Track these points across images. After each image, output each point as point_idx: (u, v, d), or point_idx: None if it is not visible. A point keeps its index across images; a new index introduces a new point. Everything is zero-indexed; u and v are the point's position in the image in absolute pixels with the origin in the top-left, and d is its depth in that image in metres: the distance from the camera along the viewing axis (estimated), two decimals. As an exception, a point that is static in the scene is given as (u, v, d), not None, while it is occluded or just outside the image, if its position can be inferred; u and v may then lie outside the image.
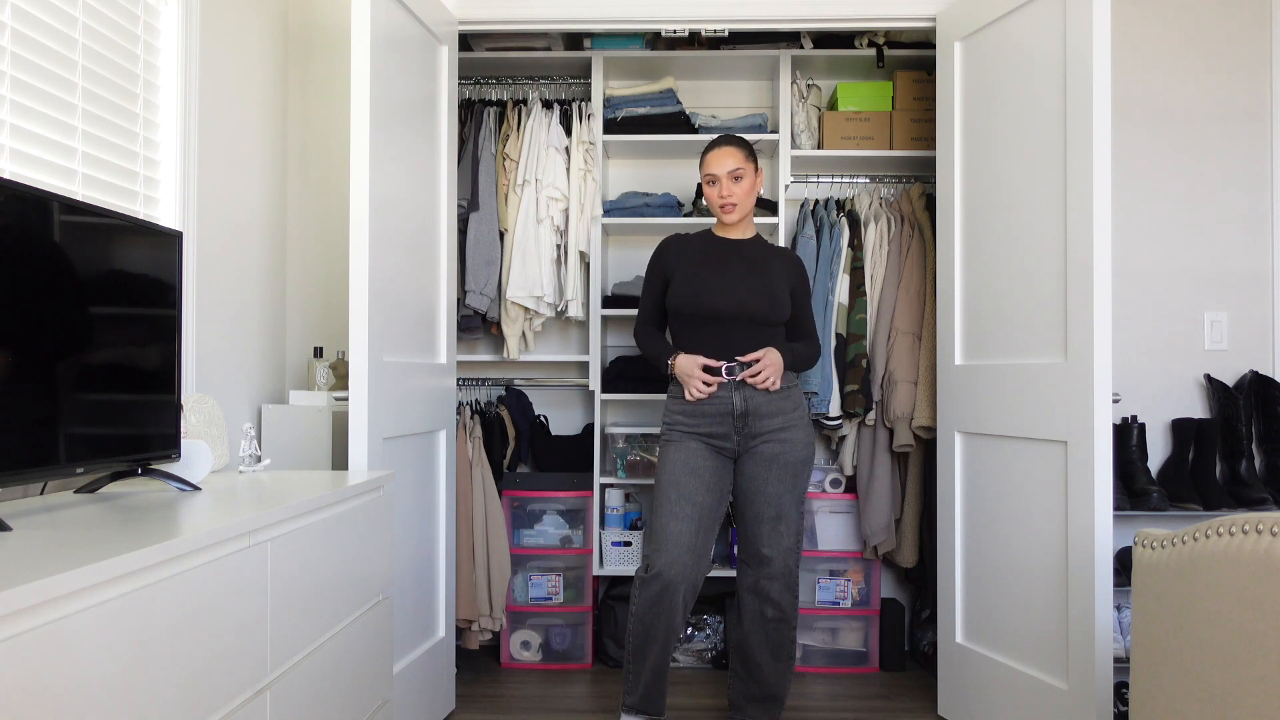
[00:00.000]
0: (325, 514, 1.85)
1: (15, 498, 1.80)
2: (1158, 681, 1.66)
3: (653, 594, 2.49)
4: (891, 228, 3.36)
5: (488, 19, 3.06)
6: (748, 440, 2.59)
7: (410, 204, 2.70)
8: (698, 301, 2.59)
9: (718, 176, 2.62)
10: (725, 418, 2.58)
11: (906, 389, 3.24)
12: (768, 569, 2.59)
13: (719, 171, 2.62)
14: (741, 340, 2.57)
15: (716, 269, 2.63)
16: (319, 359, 2.99)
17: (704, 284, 2.60)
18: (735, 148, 2.64)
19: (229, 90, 2.72)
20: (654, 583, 2.49)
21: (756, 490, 2.59)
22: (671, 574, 2.47)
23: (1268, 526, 1.44)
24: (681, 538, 2.50)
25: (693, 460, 2.56)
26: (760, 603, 2.61)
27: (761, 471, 2.58)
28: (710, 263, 2.64)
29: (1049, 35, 2.51)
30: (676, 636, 2.57)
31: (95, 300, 1.71)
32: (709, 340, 2.59)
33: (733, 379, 2.57)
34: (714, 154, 2.63)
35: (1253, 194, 3.24)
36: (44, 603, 1.05)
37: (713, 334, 2.59)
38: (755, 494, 2.59)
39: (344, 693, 1.90)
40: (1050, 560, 2.50)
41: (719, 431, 2.59)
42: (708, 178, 2.64)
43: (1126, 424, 3.12)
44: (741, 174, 2.62)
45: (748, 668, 2.67)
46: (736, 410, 2.57)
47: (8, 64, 1.82)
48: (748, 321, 2.58)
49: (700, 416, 2.59)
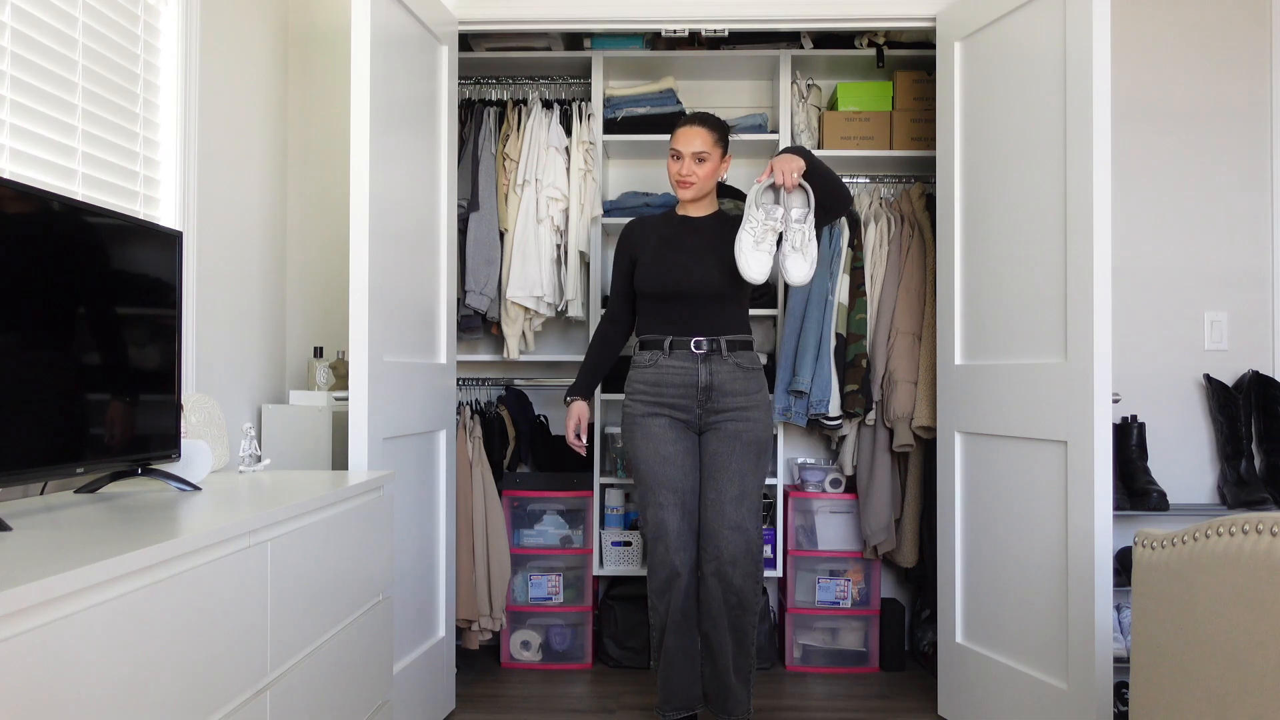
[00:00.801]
0: (325, 514, 1.85)
1: (15, 498, 1.80)
2: (1158, 681, 1.66)
3: (660, 583, 2.62)
4: (891, 228, 3.36)
5: (488, 19, 3.06)
6: (709, 415, 2.65)
7: (410, 204, 2.70)
8: (661, 281, 2.66)
9: (682, 154, 2.66)
10: (689, 389, 2.64)
11: (907, 389, 3.24)
12: (730, 552, 2.58)
13: (684, 149, 2.66)
14: (704, 315, 2.66)
15: (678, 248, 2.69)
16: (319, 359, 2.99)
17: (666, 263, 2.67)
18: (706, 129, 2.66)
19: (229, 90, 2.72)
20: (659, 572, 2.62)
21: (720, 467, 2.62)
22: (673, 562, 2.60)
23: (1268, 526, 1.44)
24: (669, 525, 2.60)
25: (661, 447, 2.63)
26: (723, 589, 2.59)
27: (725, 448, 2.63)
28: (671, 242, 2.71)
29: (1049, 35, 2.51)
30: (693, 622, 2.65)
31: (95, 300, 1.71)
32: (674, 316, 2.67)
33: (700, 353, 2.64)
34: (683, 130, 2.67)
35: (1253, 194, 3.24)
36: (44, 603, 1.05)
37: (676, 310, 2.67)
38: (719, 471, 2.62)
39: (344, 693, 1.90)
40: (1050, 560, 2.50)
41: (681, 404, 2.65)
42: (673, 152, 2.68)
43: (1126, 424, 3.12)
44: (706, 157, 2.66)
45: (713, 656, 2.66)
46: (701, 383, 2.63)
47: (8, 64, 1.82)
48: (710, 297, 2.66)
49: (664, 386, 2.65)
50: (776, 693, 3.16)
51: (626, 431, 2.70)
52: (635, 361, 2.72)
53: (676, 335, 2.66)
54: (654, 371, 2.66)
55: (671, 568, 2.59)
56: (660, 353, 2.66)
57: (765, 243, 2.55)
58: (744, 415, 2.64)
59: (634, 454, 2.67)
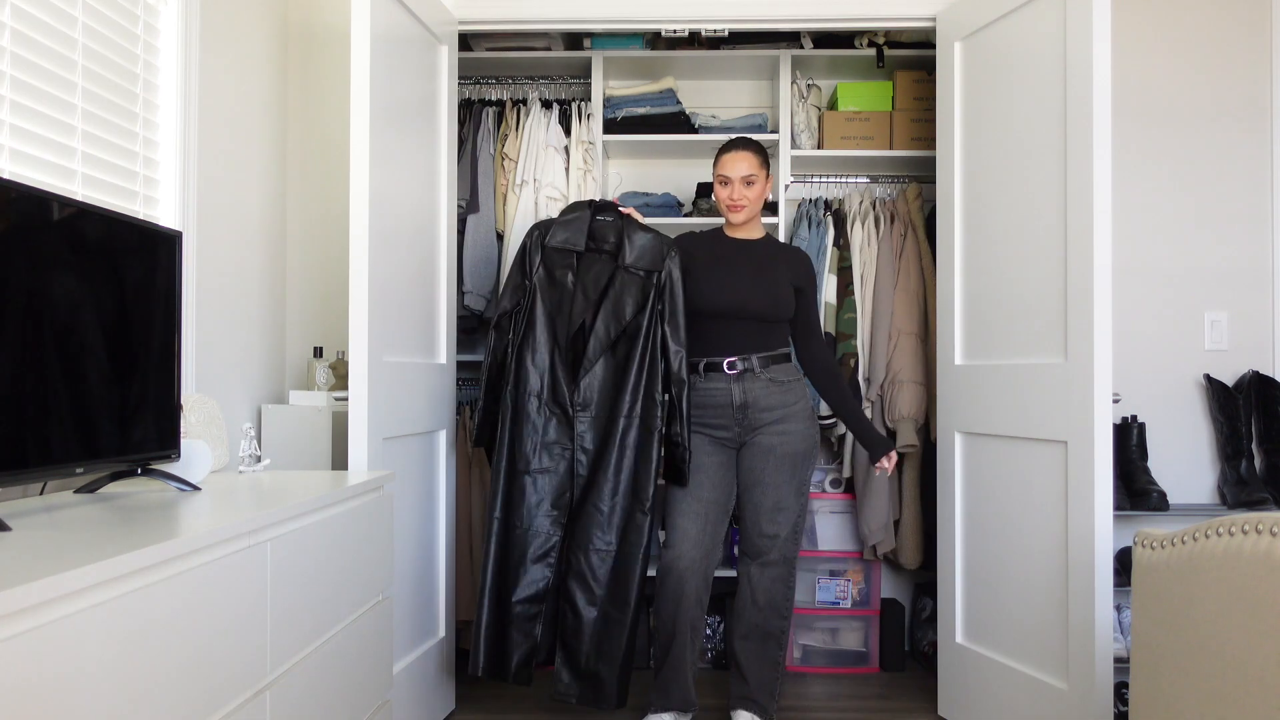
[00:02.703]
0: (325, 514, 1.85)
1: (15, 498, 1.80)
2: (1158, 681, 1.66)
3: (667, 588, 2.65)
4: (880, 227, 3.36)
5: (487, 19, 3.06)
6: (747, 432, 2.67)
7: (410, 204, 2.70)
8: (706, 299, 2.67)
9: (730, 179, 2.68)
10: (725, 409, 2.66)
11: (911, 389, 3.24)
12: (763, 559, 2.68)
13: (733, 175, 2.67)
14: (745, 335, 2.67)
15: (725, 268, 2.70)
16: (319, 359, 2.99)
17: (712, 282, 2.68)
18: (752, 153, 2.69)
19: (229, 90, 2.72)
20: (667, 576, 2.64)
21: (754, 482, 2.68)
22: (680, 566, 2.62)
23: (1268, 526, 1.44)
24: (688, 533, 2.63)
25: (697, 458, 2.66)
26: (754, 594, 2.70)
27: (759, 463, 2.67)
28: (720, 262, 2.72)
29: (1049, 35, 2.51)
30: (697, 630, 2.69)
31: (94, 300, 1.71)
32: (714, 334, 2.69)
33: (733, 373, 2.65)
34: (730, 156, 2.68)
35: (1253, 194, 3.24)
36: (44, 603, 1.05)
37: (718, 329, 2.69)
38: (753, 485, 2.68)
39: (344, 693, 1.90)
40: (1050, 560, 2.50)
41: (719, 423, 2.68)
42: (720, 178, 2.70)
43: (1126, 424, 3.12)
44: (754, 179, 2.68)
45: (743, 662, 2.73)
46: (736, 402, 2.65)
47: (8, 64, 1.82)
48: (752, 319, 2.68)
49: (702, 408, 2.68)
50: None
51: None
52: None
53: (710, 357, 2.67)
54: (693, 394, 2.67)
55: (679, 576, 2.62)
56: (697, 375, 2.68)
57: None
58: (776, 429, 2.65)
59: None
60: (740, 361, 2.65)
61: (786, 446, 2.65)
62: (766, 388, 2.65)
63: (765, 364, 2.66)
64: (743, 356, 2.65)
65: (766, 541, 2.67)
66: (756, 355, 2.65)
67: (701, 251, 2.75)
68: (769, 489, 2.66)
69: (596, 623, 2.62)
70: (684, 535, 2.63)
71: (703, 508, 2.65)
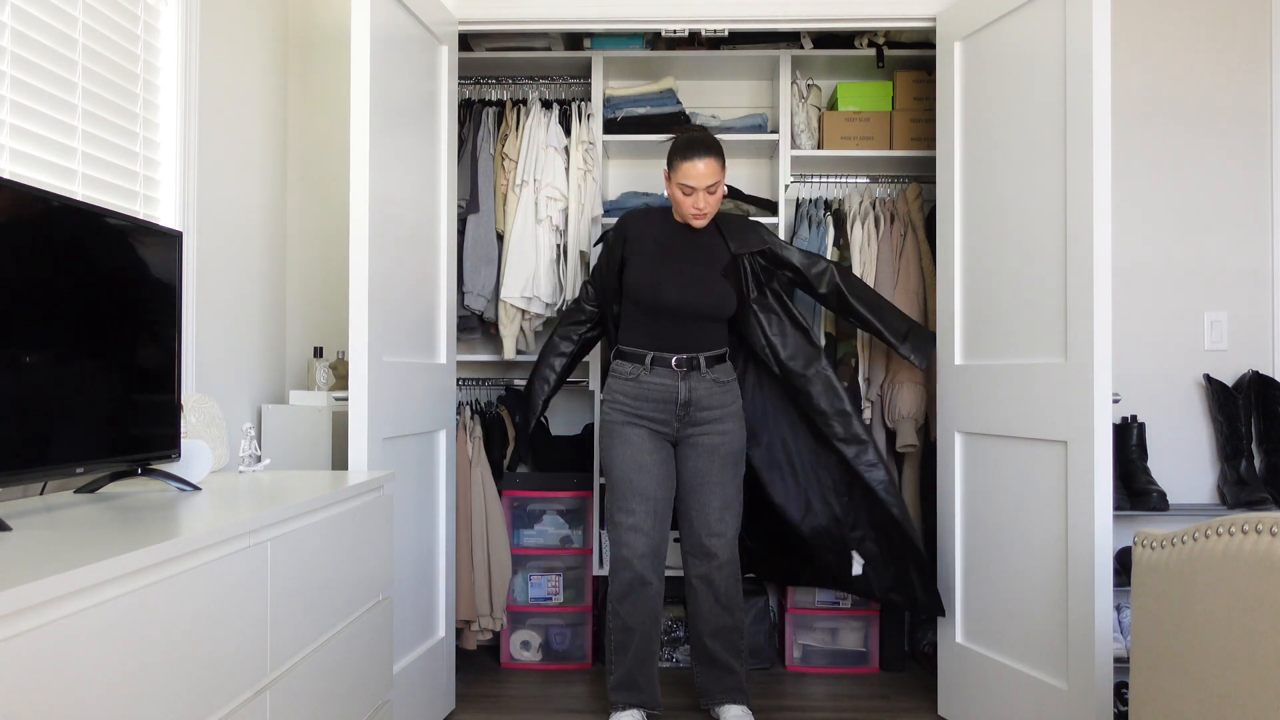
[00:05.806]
0: (325, 514, 1.85)
1: (15, 498, 1.80)
2: (1158, 681, 1.66)
3: (622, 587, 2.69)
4: (880, 227, 3.36)
5: (488, 19, 3.06)
6: (686, 428, 2.73)
7: (410, 204, 2.70)
8: (654, 294, 2.70)
9: (695, 189, 2.65)
10: (669, 405, 2.71)
11: (911, 389, 3.24)
12: (717, 559, 2.73)
13: (698, 185, 2.64)
14: (692, 334, 2.72)
15: (673, 262, 2.73)
16: (319, 359, 2.99)
17: (660, 277, 2.71)
18: (716, 160, 2.65)
19: (229, 90, 2.72)
20: (621, 576, 2.68)
21: (701, 482, 2.73)
22: (637, 566, 2.66)
23: (1267, 526, 1.44)
24: (639, 533, 2.67)
25: (638, 456, 2.70)
26: (716, 594, 2.74)
27: (704, 463, 2.72)
28: (671, 254, 2.74)
29: (1049, 35, 2.51)
30: (658, 625, 2.74)
31: (95, 300, 1.71)
32: (660, 331, 2.73)
33: (681, 370, 2.71)
34: (695, 166, 2.62)
35: (1253, 194, 3.24)
36: (44, 603, 1.05)
37: (664, 325, 2.73)
38: (700, 486, 2.73)
39: (344, 693, 1.90)
40: (1050, 560, 2.50)
41: (660, 417, 2.72)
42: (684, 187, 2.66)
43: (1126, 424, 3.12)
44: (716, 185, 2.67)
45: (709, 657, 2.79)
46: (681, 399, 2.71)
47: (8, 64, 1.82)
48: (702, 318, 2.73)
49: (644, 400, 2.72)
50: (776, 693, 3.16)
51: (604, 437, 2.78)
52: (616, 370, 2.78)
53: (658, 351, 2.72)
54: (635, 385, 2.72)
55: (636, 574, 2.66)
56: (642, 368, 2.72)
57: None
58: (717, 428, 2.73)
59: (610, 460, 2.74)
60: (687, 359, 2.70)
61: (728, 445, 2.74)
62: (710, 387, 2.72)
63: (710, 363, 2.73)
64: (690, 355, 2.71)
65: (716, 541, 2.72)
66: (703, 354, 2.72)
67: (648, 238, 2.76)
68: (716, 488, 2.72)
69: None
70: (637, 537, 2.66)
71: (650, 505, 2.68)
